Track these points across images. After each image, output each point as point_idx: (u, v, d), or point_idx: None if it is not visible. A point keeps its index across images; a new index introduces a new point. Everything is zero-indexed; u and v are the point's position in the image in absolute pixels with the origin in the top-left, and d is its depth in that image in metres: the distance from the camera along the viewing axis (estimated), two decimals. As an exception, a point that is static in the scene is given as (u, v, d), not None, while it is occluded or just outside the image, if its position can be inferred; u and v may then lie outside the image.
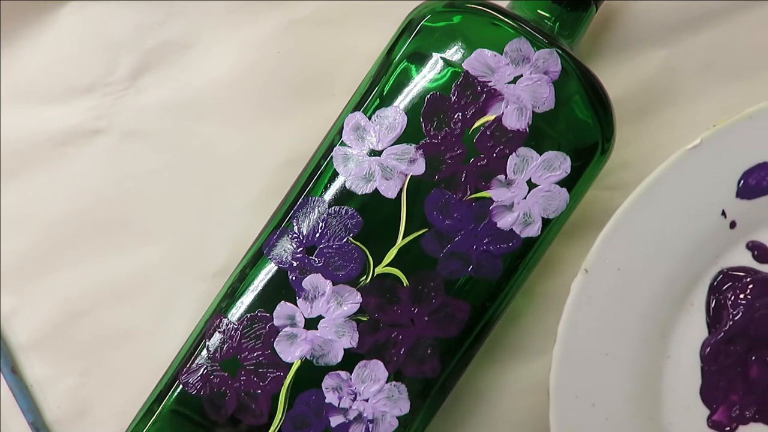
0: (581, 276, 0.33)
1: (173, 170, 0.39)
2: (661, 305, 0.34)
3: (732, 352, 0.34)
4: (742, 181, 0.33)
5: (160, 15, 0.39)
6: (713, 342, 0.34)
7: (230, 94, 0.39)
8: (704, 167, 0.33)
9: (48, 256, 0.38)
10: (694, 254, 0.34)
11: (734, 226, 0.34)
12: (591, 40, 0.38)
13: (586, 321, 0.33)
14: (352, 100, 0.34)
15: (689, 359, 0.34)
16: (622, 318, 0.33)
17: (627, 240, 0.33)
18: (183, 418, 0.33)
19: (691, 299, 0.34)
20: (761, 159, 0.33)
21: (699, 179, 0.33)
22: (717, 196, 0.33)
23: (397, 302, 0.33)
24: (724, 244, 0.34)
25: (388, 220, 0.33)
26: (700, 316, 0.34)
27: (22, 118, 0.39)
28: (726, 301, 0.34)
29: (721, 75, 0.38)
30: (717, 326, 0.34)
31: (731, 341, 0.34)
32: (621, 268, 0.33)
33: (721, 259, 0.34)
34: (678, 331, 0.34)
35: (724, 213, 0.33)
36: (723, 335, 0.34)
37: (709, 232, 0.34)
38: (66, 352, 0.38)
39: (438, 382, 0.33)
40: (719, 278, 0.34)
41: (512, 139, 0.33)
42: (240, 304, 0.33)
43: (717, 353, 0.34)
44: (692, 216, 0.33)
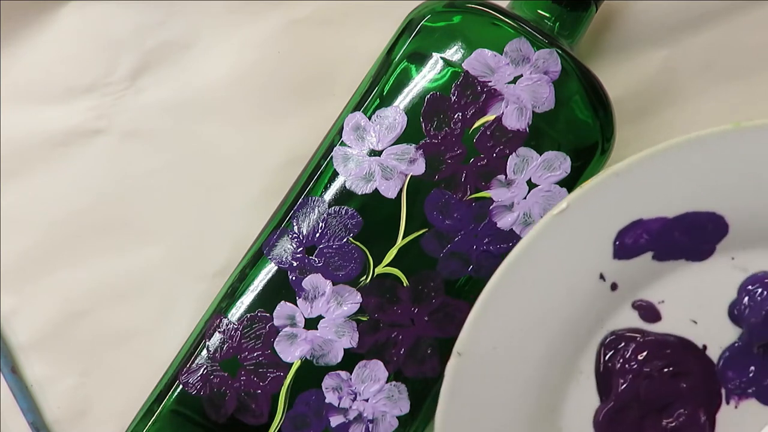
0: (454, 360, 0.31)
1: (173, 170, 0.39)
2: (547, 377, 0.32)
3: (625, 420, 0.32)
4: (617, 241, 0.31)
5: (160, 15, 0.39)
6: (605, 410, 0.32)
7: (230, 94, 0.39)
8: (576, 231, 0.31)
9: (48, 256, 0.38)
10: (577, 321, 0.32)
11: (616, 288, 0.32)
12: (591, 40, 0.38)
13: (465, 407, 0.31)
14: (352, 100, 0.34)
15: (583, 430, 0.33)
16: (506, 397, 0.32)
17: (502, 316, 0.31)
18: (183, 418, 0.33)
19: (579, 367, 0.32)
20: (635, 216, 0.31)
21: (571, 244, 0.31)
22: (593, 260, 0.31)
23: (397, 302, 0.33)
24: (607, 307, 0.32)
25: (388, 220, 0.33)
26: (590, 383, 0.32)
27: (22, 118, 0.39)
28: (615, 366, 0.32)
29: (721, 75, 0.38)
30: (608, 393, 0.32)
31: (623, 409, 0.32)
32: (497, 346, 0.31)
33: (606, 322, 0.32)
34: (568, 402, 0.33)
35: (603, 276, 0.32)
36: (614, 403, 0.32)
37: (590, 296, 0.32)
38: (66, 352, 0.38)
39: (438, 382, 0.33)
40: (606, 342, 0.32)
41: (512, 139, 0.33)
42: (240, 304, 0.33)
43: (610, 422, 0.32)
44: (570, 283, 0.31)
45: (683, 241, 0.32)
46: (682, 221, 0.31)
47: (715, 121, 0.38)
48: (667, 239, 0.32)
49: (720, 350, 0.33)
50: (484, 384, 0.31)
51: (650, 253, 0.32)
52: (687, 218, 0.31)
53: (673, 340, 0.32)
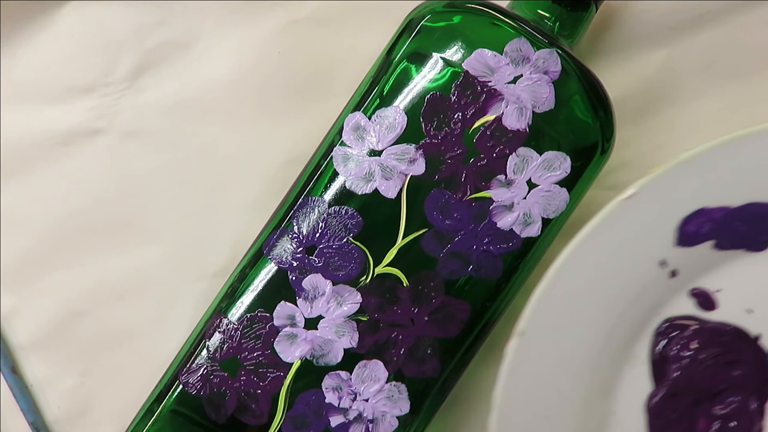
0: (516, 339, 0.32)
1: (173, 170, 0.39)
2: (603, 361, 0.33)
3: (678, 406, 0.33)
4: (680, 228, 0.32)
5: (160, 15, 0.39)
6: (658, 396, 0.33)
7: (230, 94, 0.39)
8: (640, 217, 0.32)
9: (48, 256, 0.38)
10: (634, 306, 0.33)
11: (675, 275, 0.33)
12: (591, 40, 0.38)
13: (523, 385, 0.32)
14: (352, 100, 0.34)
15: (635, 415, 0.33)
16: (562, 379, 0.32)
17: (562, 298, 0.32)
18: (183, 418, 0.33)
19: (634, 352, 0.33)
20: (699, 205, 0.32)
21: (635, 229, 0.32)
22: (655, 246, 0.32)
23: (397, 302, 0.33)
24: (665, 294, 0.33)
25: (388, 220, 0.33)
26: (644, 369, 0.33)
27: (22, 118, 0.39)
28: (670, 353, 0.33)
29: (721, 75, 0.38)
30: (662, 379, 0.33)
31: (677, 395, 0.33)
32: (557, 327, 0.32)
33: (663, 308, 0.33)
34: (622, 387, 0.33)
35: (664, 262, 0.32)
36: (668, 389, 0.33)
37: (650, 282, 0.32)
38: (66, 352, 0.38)
39: (438, 382, 0.33)
40: (662, 328, 0.33)
41: (512, 139, 0.33)
42: (240, 304, 0.33)
43: (663, 408, 0.33)
44: (630, 268, 0.32)
45: (744, 231, 0.32)
46: (745, 211, 0.32)
47: (715, 121, 0.38)
48: (729, 229, 0.32)
49: None
50: (542, 364, 0.32)
51: (711, 241, 0.32)
52: (749, 208, 0.32)
53: (728, 329, 0.33)
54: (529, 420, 0.32)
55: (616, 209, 0.32)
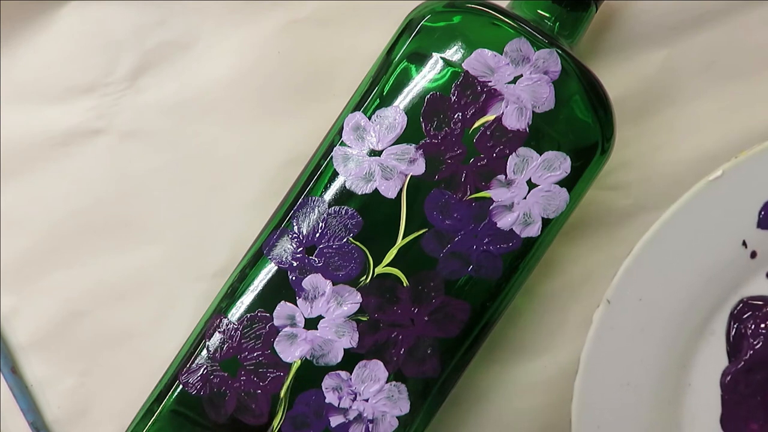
0: (603, 307, 0.33)
1: (173, 170, 0.39)
2: (682, 334, 0.34)
3: (752, 381, 0.34)
4: (763, 211, 0.33)
5: (160, 15, 0.39)
6: (733, 371, 0.34)
7: (230, 94, 0.39)
8: (725, 198, 0.33)
9: (48, 256, 0.38)
10: (714, 283, 0.34)
11: (755, 256, 0.34)
12: (591, 40, 0.38)
13: (607, 351, 0.33)
14: (352, 100, 0.34)
15: (710, 388, 0.34)
16: (643, 348, 0.34)
17: (649, 270, 0.33)
18: (183, 418, 0.33)
19: (711, 328, 0.34)
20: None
21: (720, 210, 0.33)
22: (738, 227, 0.34)
23: (397, 302, 0.33)
24: (744, 274, 0.34)
25: (388, 220, 0.33)
26: (720, 344, 0.34)
27: (22, 118, 0.39)
28: (746, 330, 0.34)
29: (721, 75, 0.38)
30: (737, 355, 0.34)
31: (751, 370, 0.34)
32: (643, 298, 0.33)
33: (741, 288, 0.34)
34: (698, 360, 0.34)
35: (745, 243, 0.34)
36: (743, 364, 0.34)
37: (730, 261, 0.34)
38: (66, 352, 0.38)
39: (438, 382, 0.33)
40: (739, 307, 0.34)
41: (512, 139, 0.33)
42: (240, 304, 0.33)
43: (737, 382, 0.34)
44: (713, 246, 0.34)
45: None
46: None
47: (715, 121, 0.38)
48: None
49: None
50: (626, 332, 0.33)
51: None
52: None
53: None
54: (610, 385, 0.33)
55: (703, 189, 0.33)
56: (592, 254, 0.38)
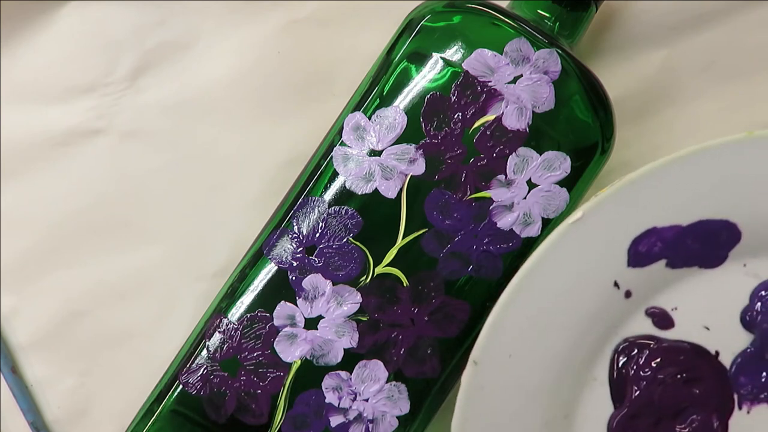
0: (470, 368, 0.31)
1: (173, 170, 0.39)
2: (562, 384, 0.32)
3: (639, 427, 0.33)
4: (632, 249, 0.32)
5: (160, 15, 0.39)
6: (619, 417, 0.33)
7: (230, 94, 0.39)
8: (591, 239, 0.31)
9: (48, 256, 0.38)
10: (591, 328, 0.32)
11: (630, 295, 0.32)
12: (591, 40, 0.38)
13: (480, 414, 0.32)
14: (352, 100, 0.34)
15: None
16: (520, 404, 0.32)
17: (517, 324, 0.31)
18: (183, 418, 0.33)
19: (593, 374, 0.33)
20: (649, 225, 0.32)
21: (587, 252, 0.31)
22: (608, 267, 0.32)
23: (397, 302, 0.33)
24: (621, 314, 0.33)
25: (388, 220, 0.33)
26: (604, 390, 0.33)
27: (22, 118, 0.39)
28: (629, 373, 0.33)
29: (721, 75, 0.38)
30: (622, 400, 0.33)
31: (637, 415, 0.33)
32: (513, 354, 0.31)
33: (620, 329, 0.33)
34: (583, 409, 0.33)
35: (617, 284, 0.32)
36: (628, 410, 0.33)
37: (605, 304, 0.32)
38: (66, 352, 0.38)
39: (438, 382, 0.33)
40: (620, 348, 0.33)
41: (512, 139, 0.33)
42: (240, 304, 0.33)
43: (624, 429, 0.33)
44: (585, 290, 0.32)
45: (696, 249, 0.32)
46: (696, 229, 0.32)
47: (715, 121, 0.38)
48: (681, 247, 0.32)
49: (732, 356, 0.33)
50: (499, 391, 0.32)
51: (664, 260, 0.32)
52: (700, 226, 0.32)
53: (687, 347, 0.33)
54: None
55: (566, 233, 0.31)
56: (592, 254, 0.38)
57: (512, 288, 0.31)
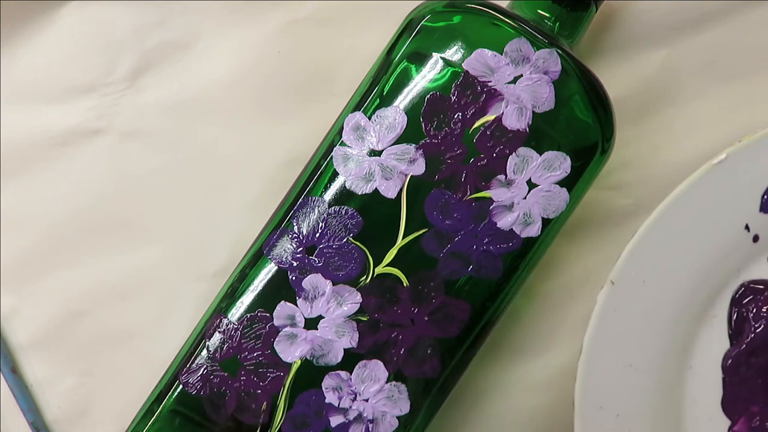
0: (607, 288, 0.33)
1: (173, 170, 0.39)
2: (684, 317, 0.34)
3: (753, 364, 0.34)
4: (766, 196, 0.33)
5: (160, 15, 0.39)
6: (735, 354, 0.34)
7: (230, 94, 0.39)
8: (729, 182, 0.33)
9: (48, 256, 0.38)
10: (716, 267, 0.34)
11: (757, 240, 0.34)
12: (591, 40, 0.38)
13: (610, 332, 0.33)
14: (352, 100, 0.34)
15: (711, 371, 0.34)
16: (646, 330, 0.34)
17: (652, 252, 0.33)
18: (183, 418, 0.33)
19: (713, 311, 0.34)
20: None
21: (723, 193, 0.33)
22: (741, 210, 0.34)
23: (397, 302, 0.33)
24: (746, 258, 0.34)
25: (388, 220, 0.33)
26: (721, 328, 0.34)
27: (22, 118, 0.39)
28: (748, 313, 0.34)
29: (721, 75, 0.38)
30: (738, 338, 0.34)
31: (753, 353, 0.34)
32: (646, 280, 0.33)
33: (743, 272, 0.34)
34: (700, 343, 0.34)
35: (748, 227, 0.34)
36: (744, 347, 0.34)
37: (732, 245, 0.34)
38: (66, 352, 0.38)
39: (438, 382, 0.33)
40: (741, 291, 0.34)
41: (512, 139, 0.33)
42: (240, 304, 0.33)
43: (738, 365, 0.34)
44: (716, 229, 0.34)
45: None
46: None
47: (715, 121, 0.38)
48: None
49: None
50: (630, 313, 0.33)
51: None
52: None
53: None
54: (613, 365, 0.33)
55: (706, 173, 0.33)
56: (592, 254, 0.38)
57: (652, 218, 0.33)
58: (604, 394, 0.33)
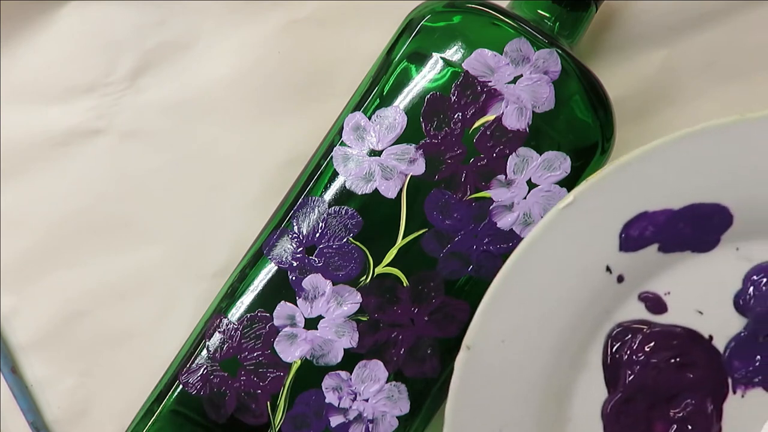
0: (463, 353, 0.31)
1: (173, 170, 0.39)
2: (556, 369, 0.32)
3: (633, 411, 0.33)
4: (623, 233, 0.32)
5: (160, 15, 0.39)
6: (613, 402, 0.33)
7: (230, 94, 0.39)
8: (582, 224, 0.31)
9: (48, 256, 0.38)
10: (584, 313, 0.32)
11: (622, 280, 0.32)
12: (591, 40, 0.38)
13: (475, 399, 0.32)
14: (352, 100, 0.34)
15: (591, 421, 0.33)
16: (514, 389, 0.32)
17: (509, 309, 0.31)
18: (183, 418, 0.33)
19: (587, 359, 0.33)
20: (641, 209, 0.31)
21: (578, 237, 0.31)
22: (600, 252, 0.32)
23: (397, 302, 0.33)
24: (614, 299, 0.32)
25: (388, 220, 0.33)
26: (598, 375, 0.33)
27: (22, 118, 0.39)
28: (622, 357, 0.33)
29: (721, 75, 0.38)
30: (616, 385, 0.33)
31: (631, 400, 0.33)
32: (506, 339, 0.31)
33: (613, 314, 0.33)
34: (577, 394, 0.33)
35: (609, 268, 0.32)
36: (622, 394, 0.33)
37: (597, 288, 0.32)
38: (66, 352, 0.38)
39: (438, 382, 0.33)
40: (614, 333, 0.33)
41: (512, 139, 0.33)
42: (240, 304, 0.33)
43: (618, 413, 0.33)
44: (577, 275, 0.32)
45: (688, 233, 0.32)
46: (687, 213, 0.32)
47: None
48: (673, 231, 0.32)
49: (726, 340, 0.33)
50: (493, 376, 0.32)
51: (656, 245, 0.32)
52: (692, 210, 0.32)
53: (680, 331, 0.33)
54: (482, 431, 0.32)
55: (557, 218, 0.31)
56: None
57: (504, 273, 0.31)
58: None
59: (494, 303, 0.31)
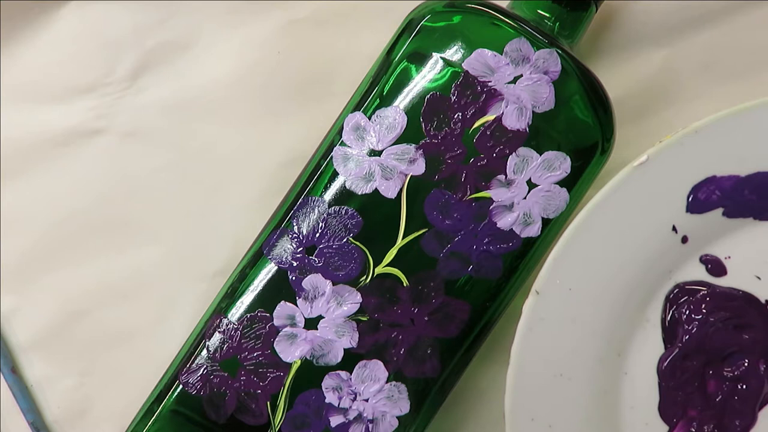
0: (532, 298, 0.32)
1: (173, 170, 0.39)
2: (616, 323, 0.33)
3: (689, 368, 0.34)
4: (691, 195, 0.33)
5: (160, 15, 0.39)
6: (670, 358, 0.34)
7: (230, 94, 0.39)
8: (653, 183, 0.33)
9: (48, 256, 0.38)
10: (647, 270, 0.33)
11: (686, 241, 0.33)
12: (591, 40, 0.38)
13: (538, 343, 0.33)
14: (352, 100, 0.34)
15: (646, 376, 0.34)
16: (576, 338, 0.33)
17: (578, 260, 0.33)
18: (183, 418, 0.33)
19: (646, 315, 0.34)
20: (709, 173, 0.33)
21: (648, 195, 0.33)
22: (667, 212, 0.33)
23: (397, 302, 0.33)
24: (677, 259, 0.34)
25: (388, 220, 0.33)
26: (655, 332, 0.34)
27: (22, 118, 0.39)
28: (681, 316, 0.33)
29: (721, 75, 0.38)
30: (673, 342, 0.34)
31: (687, 356, 0.33)
32: (573, 288, 0.33)
33: (675, 274, 0.34)
34: (634, 348, 0.34)
35: (675, 228, 0.33)
36: (679, 351, 0.33)
37: (662, 247, 0.33)
38: (66, 352, 0.38)
39: (438, 382, 0.33)
40: (674, 293, 0.34)
41: (512, 139, 0.33)
42: (240, 304, 0.33)
43: (674, 369, 0.34)
44: (643, 232, 0.33)
45: (753, 200, 0.33)
46: (753, 180, 0.33)
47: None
48: (738, 197, 0.33)
49: None
50: (557, 323, 0.33)
51: (721, 209, 0.33)
52: (758, 177, 0.33)
53: (738, 294, 0.34)
54: (544, 376, 0.33)
55: (629, 175, 0.32)
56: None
57: (575, 224, 0.32)
58: (535, 406, 0.33)
59: (564, 252, 0.32)
